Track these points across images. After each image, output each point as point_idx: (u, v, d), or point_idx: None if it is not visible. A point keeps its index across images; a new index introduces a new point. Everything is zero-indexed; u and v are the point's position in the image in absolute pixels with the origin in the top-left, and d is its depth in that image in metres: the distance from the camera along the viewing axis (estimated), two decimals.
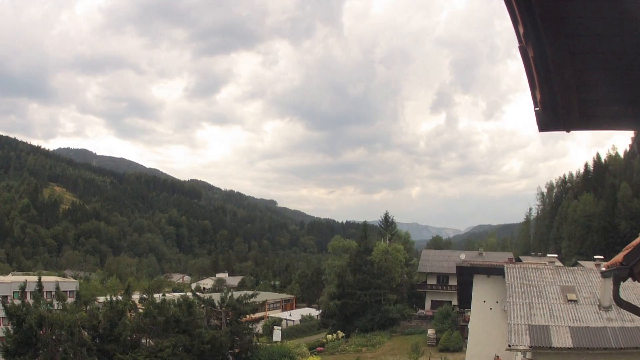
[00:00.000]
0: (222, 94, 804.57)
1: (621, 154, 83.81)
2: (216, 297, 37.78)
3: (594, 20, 2.89)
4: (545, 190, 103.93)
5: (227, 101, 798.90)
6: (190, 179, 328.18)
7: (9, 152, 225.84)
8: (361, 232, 64.68)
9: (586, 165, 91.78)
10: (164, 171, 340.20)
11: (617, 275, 4.34)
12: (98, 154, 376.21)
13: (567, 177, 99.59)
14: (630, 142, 3.95)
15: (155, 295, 35.45)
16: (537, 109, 3.40)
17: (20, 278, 54.31)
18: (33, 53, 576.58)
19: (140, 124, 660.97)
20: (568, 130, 3.63)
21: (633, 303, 5.04)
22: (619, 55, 3.10)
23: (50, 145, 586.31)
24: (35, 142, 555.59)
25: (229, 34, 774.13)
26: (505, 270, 25.56)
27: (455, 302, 43.86)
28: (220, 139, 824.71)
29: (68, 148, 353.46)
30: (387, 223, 66.79)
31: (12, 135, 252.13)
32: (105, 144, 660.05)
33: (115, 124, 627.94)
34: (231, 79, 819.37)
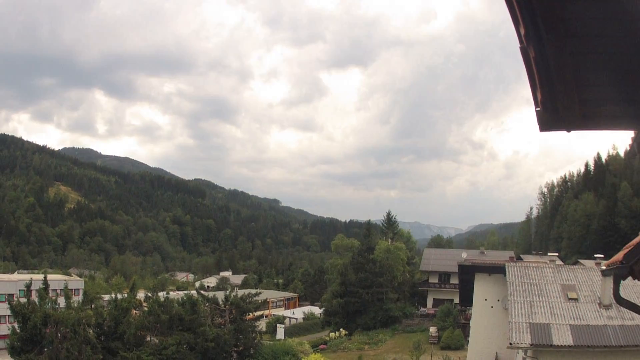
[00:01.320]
0: (320, 103, 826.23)
1: (621, 154, 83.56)
2: (220, 295, 37.94)
3: (594, 21, 2.91)
4: (545, 190, 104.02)
5: (321, 110, 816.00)
6: (195, 178, 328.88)
7: (15, 152, 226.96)
8: (364, 230, 64.83)
9: (586, 165, 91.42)
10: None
11: (617, 274, 4.37)
12: (103, 153, 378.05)
13: (567, 176, 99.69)
14: (630, 142, 3.98)
15: (160, 294, 35.54)
16: (538, 109, 3.44)
17: (25, 276, 54.54)
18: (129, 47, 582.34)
19: (219, 128, 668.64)
20: (569, 130, 3.66)
21: (633, 301, 5.08)
22: (619, 55, 3.12)
23: (120, 143, 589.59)
24: (100, 141, 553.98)
25: (346, 52, 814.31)
26: (507, 269, 25.57)
27: (456, 300, 43.79)
28: (287, 144, 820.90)
29: (73, 147, 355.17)
30: (390, 222, 66.84)
31: (18, 135, 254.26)
32: (177, 143, 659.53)
33: (192, 125, 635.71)
34: (335, 89, 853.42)
